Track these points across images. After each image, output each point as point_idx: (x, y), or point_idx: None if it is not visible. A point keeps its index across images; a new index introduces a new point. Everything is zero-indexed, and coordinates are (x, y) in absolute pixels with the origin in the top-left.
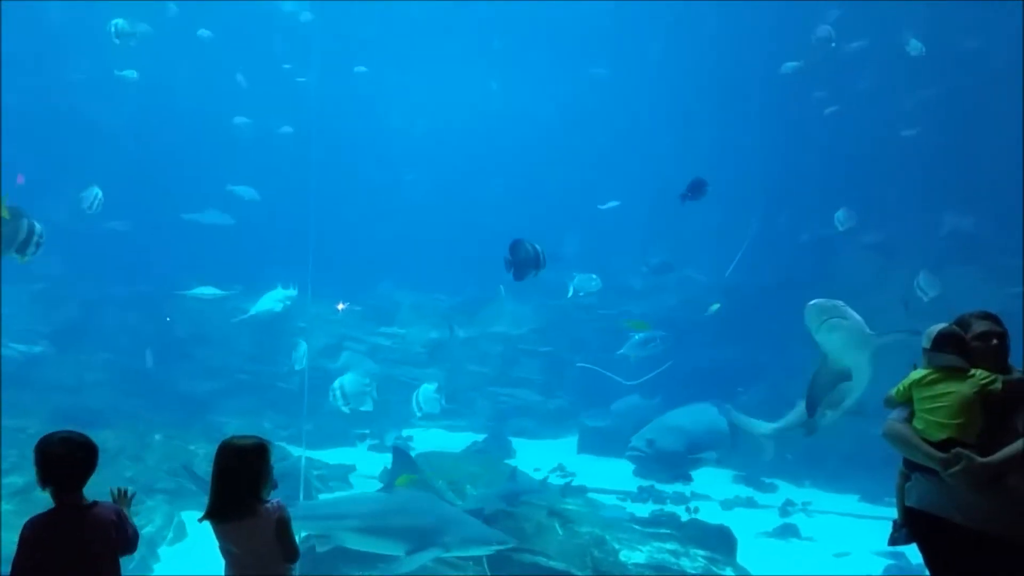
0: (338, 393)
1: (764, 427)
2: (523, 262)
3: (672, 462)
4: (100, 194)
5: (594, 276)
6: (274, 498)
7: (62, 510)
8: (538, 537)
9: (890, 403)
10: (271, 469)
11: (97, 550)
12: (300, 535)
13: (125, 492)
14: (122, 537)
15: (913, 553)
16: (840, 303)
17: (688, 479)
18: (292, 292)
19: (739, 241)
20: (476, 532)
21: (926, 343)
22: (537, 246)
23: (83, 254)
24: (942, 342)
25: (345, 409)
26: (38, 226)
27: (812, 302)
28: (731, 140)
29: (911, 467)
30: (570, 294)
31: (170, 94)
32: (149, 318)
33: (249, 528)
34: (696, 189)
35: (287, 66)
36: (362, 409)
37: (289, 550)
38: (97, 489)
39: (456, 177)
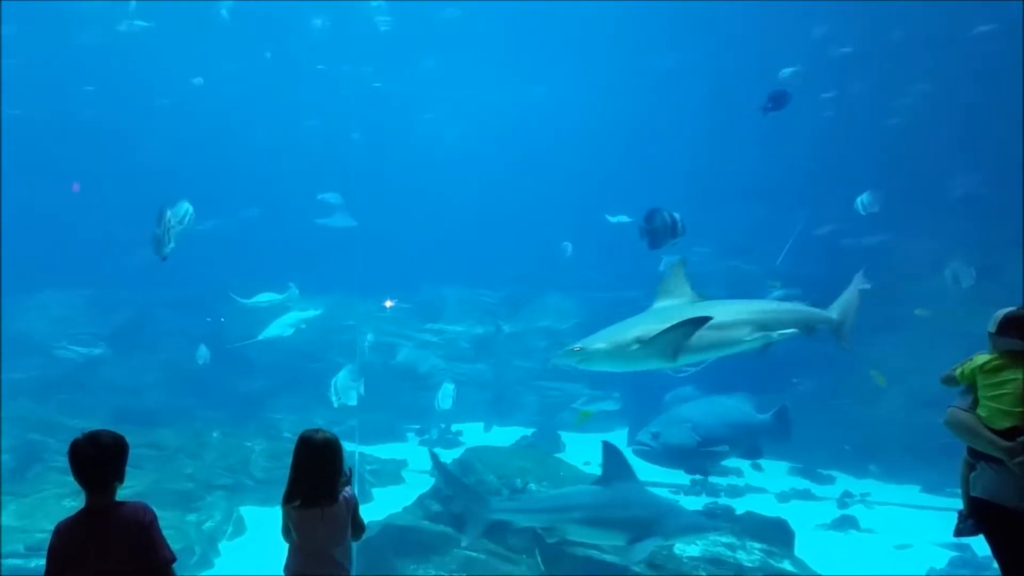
0: (333, 388)
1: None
2: (659, 230)
3: (680, 457)
4: (191, 209)
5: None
6: (345, 487)
7: (87, 513)
8: None
9: (950, 381)
10: (343, 462)
11: (123, 551)
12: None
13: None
14: (150, 552)
15: (979, 544)
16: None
17: (701, 474)
18: (307, 314)
19: (787, 231)
20: (693, 521)
21: (991, 327)
22: (675, 214)
23: (136, 257)
24: (1007, 326)
25: (335, 403)
26: (167, 212)
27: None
28: (778, 130)
29: (976, 456)
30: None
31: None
32: (202, 319)
33: (329, 516)
34: (778, 100)
35: (320, 67)
36: (348, 404)
37: (358, 529)
38: (157, 485)
39: (500, 175)
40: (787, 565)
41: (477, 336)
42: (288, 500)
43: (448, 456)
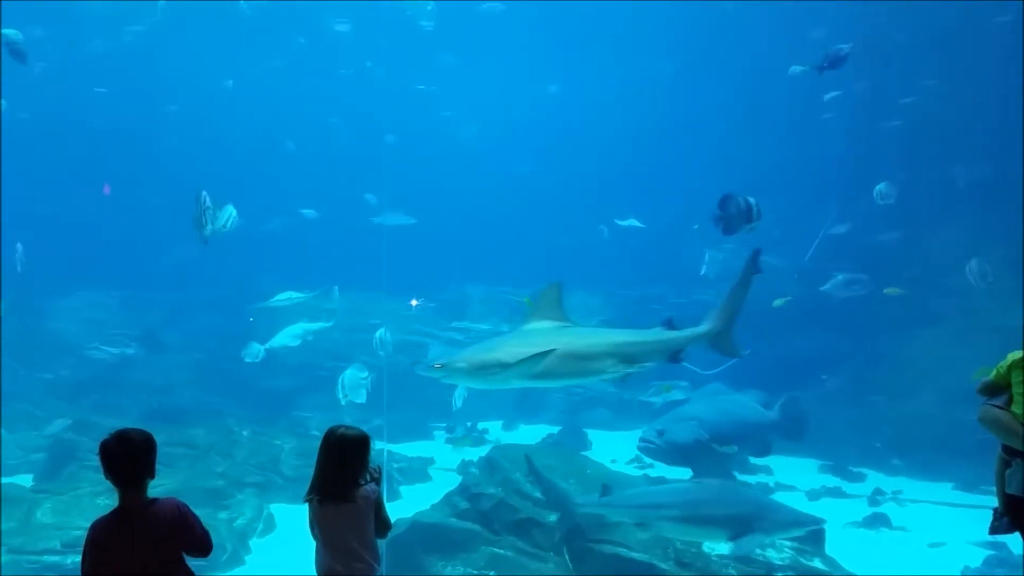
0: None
1: None
2: (734, 216)
3: (686, 455)
4: (235, 213)
5: None
6: (369, 484)
7: (121, 511)
8: (618, 528)
9: (988, 390)
10: (370, 459)
11: (156, 548)
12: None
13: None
14: (187, 537)
15: (1015, 542)
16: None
17: (712, 473)
18: (315, 326)
19: (816, 226)
20: (792, 516)
21: None
22: (750, 199)
23: (167, 258)
24: None
25: (343, 400)
26: (203, 193)
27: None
28: (803, 125)
29: (1011, 453)
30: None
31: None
32: (232, 319)
33: (348, 511)
34: (835, 60)
35: (369, 63)
36: (356, 401)
37: (383, 526)
38: (188, 483)
39: (525, 172)
40: (818, 563)
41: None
42: (308, 494)
43: (474, 454)
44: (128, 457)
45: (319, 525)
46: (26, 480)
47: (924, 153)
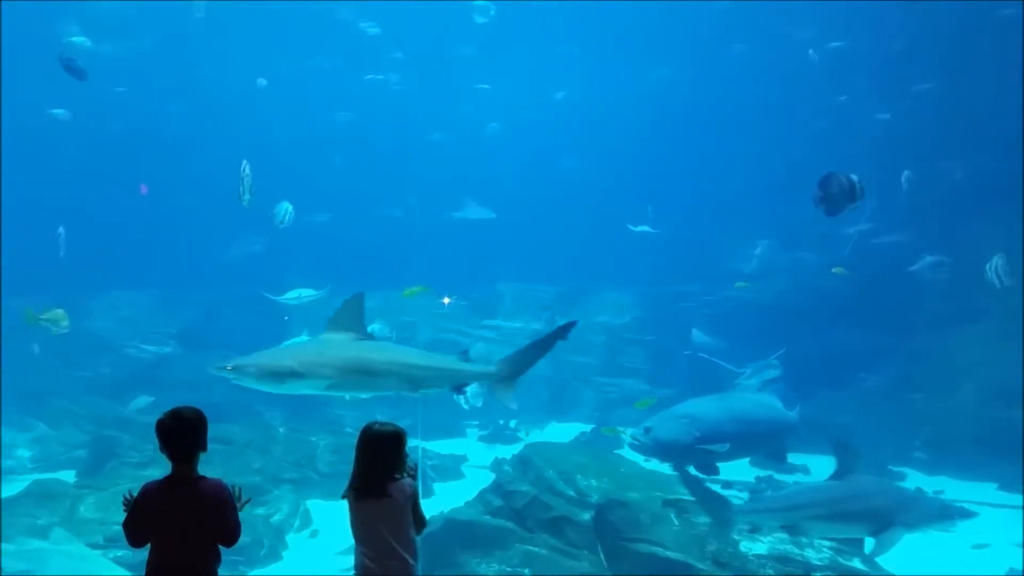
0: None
1: None
2: (837, 195)
3: (674, 453)
4: (291, 208)
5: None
6: (404, 479)
7: (170, 480)
8: (653, 527)
9: None
10: (406, 456)
11: (197, 521)
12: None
13: (239, 494)
14: (222, 519)
15: None
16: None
17: (708, 473)
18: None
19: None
20: (938, 507)
21: None
22: (852, 176)
23: (201, 258)
24: None
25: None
26: (244, 163)
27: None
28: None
29: None
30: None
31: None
32: (266, 318)
33: (383, 507)
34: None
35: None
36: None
37: (419, 523)
38: (226, 479)
39: (555, 169)
40: (857, 564)
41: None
42: (346, 490)
43: (507, 452)
44: (181, 432)
45: (356, 521)
46: (69, 476)
47: (957, 145)
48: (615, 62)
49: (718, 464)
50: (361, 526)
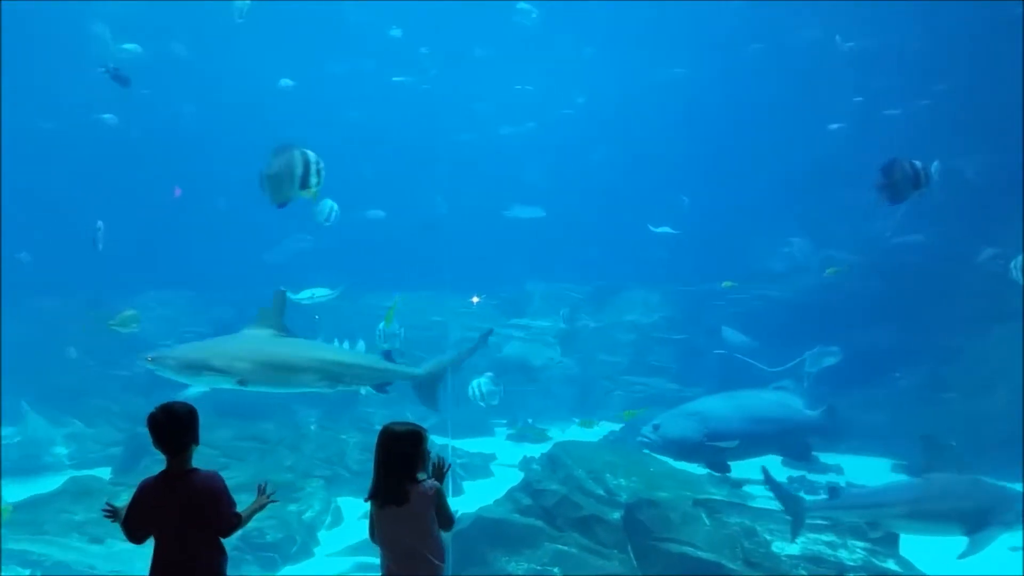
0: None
1: None
2: (900, 182)
3: (683, 451)
4: (336, 207)
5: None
6: (426, 478)
7: (166, 475)
8: (684, 527)
9: None
10: (427, 454)
11: (192, 513)
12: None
13: (263, 488)
14: (215, 508)
15: None
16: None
17: (720, 470)
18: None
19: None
20: None
21: None
22: (916, 162)
23: (233, 257)
24: None
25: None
26: (311, 155)
27: None
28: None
29: None
30: None
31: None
32: (297, 318)
33: (405, 514)
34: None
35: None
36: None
37: (446, 521)
38: (259, 476)
39: (585, 169)
40: (891, 565)
41: (563, 331)
42: (370, 495)
43: (535, 451)
44: (173, 427)
45: (378, 528)
46: (105, 473)
47: (992, 141)
48: (638, 62)
49: (730, 462)
50: (383, 533)
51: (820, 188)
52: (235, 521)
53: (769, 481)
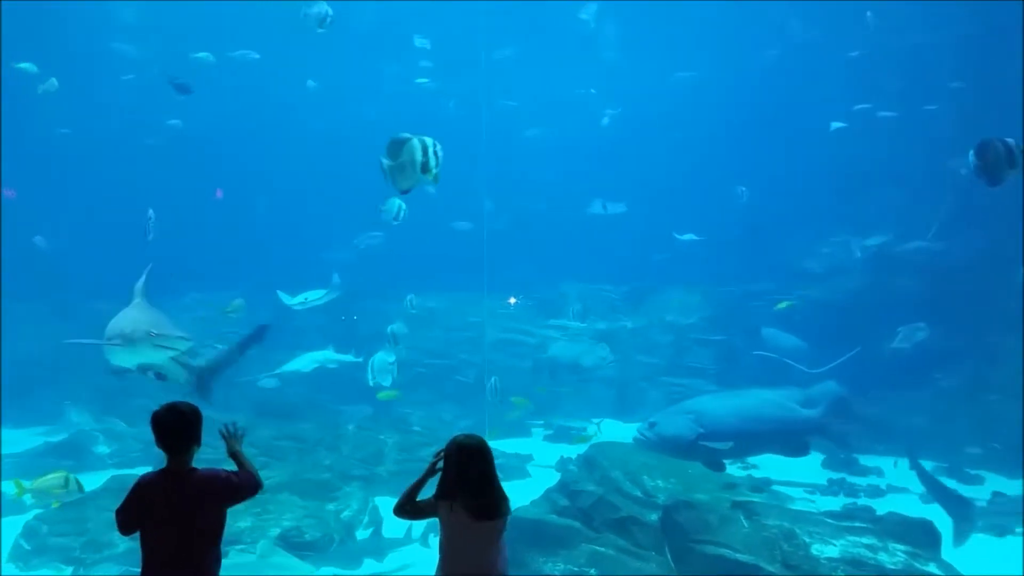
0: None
1: None
2: (994, 163)
3: (678, 449)
4: (404, 206)
5: None
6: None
7: (166, 472)
8: (722, 529)
9: None
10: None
11: (188, 512)
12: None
13: (235, 428)
14: (228, 488)
15: None
16: None
17: (716, 468)
18: (323, 354)
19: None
20: None
21: None
22: (1008, 140)
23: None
24: None
25: (371, 382)
26: (429, 140)
27: None
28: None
29: None
30: None
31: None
32: (336, 318)
33: (489, 529)
34: None
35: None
36: (383, 384)
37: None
38: (298, 476)
39: (621, 169)
40: (933, 568)
41: (600, 332)
42: (442, 497)
43: (572, 452)
44: (178, 426)
45: (453, 534)
46: (145, 471)
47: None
48: (670, 64)
49: (724, 460)
50: (449, 535)
51: (862, 188)
52: (253, 479)
53: (930, 483)
